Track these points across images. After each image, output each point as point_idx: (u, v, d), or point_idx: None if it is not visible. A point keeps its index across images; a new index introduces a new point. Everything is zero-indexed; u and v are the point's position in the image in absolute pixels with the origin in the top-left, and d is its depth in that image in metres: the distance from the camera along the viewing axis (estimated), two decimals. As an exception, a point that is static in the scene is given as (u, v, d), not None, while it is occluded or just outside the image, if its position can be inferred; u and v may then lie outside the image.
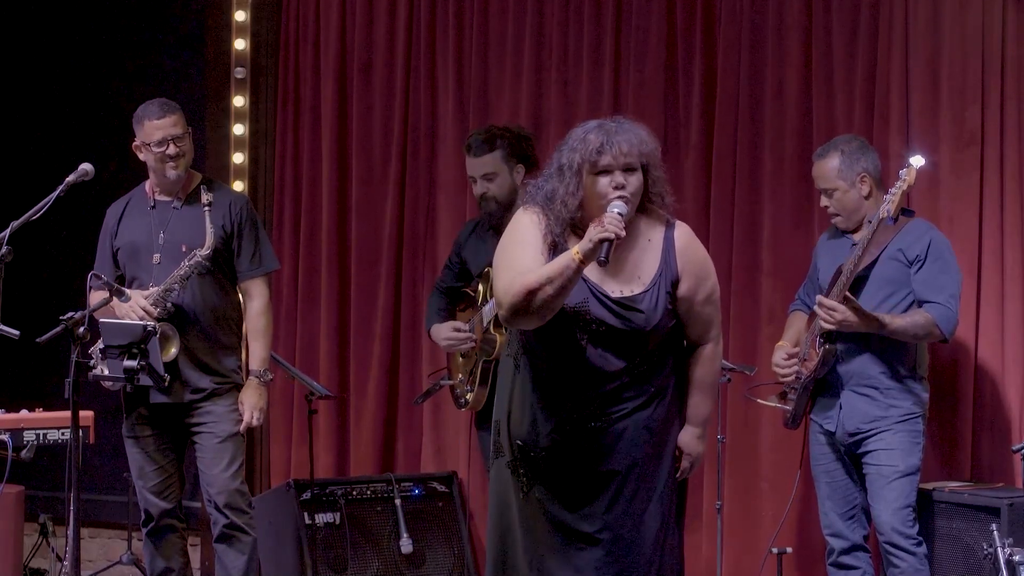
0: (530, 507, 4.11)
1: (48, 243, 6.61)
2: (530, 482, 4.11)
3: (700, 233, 5.95)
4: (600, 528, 4.06)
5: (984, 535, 4.79)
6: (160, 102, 5.21)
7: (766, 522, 5.87)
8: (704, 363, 4.17)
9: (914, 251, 4.99)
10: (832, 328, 4.87)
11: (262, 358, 5.27)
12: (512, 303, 3.95)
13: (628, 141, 3.99)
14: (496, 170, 5.35)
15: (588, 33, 6.26)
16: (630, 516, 4.07)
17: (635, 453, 4.06)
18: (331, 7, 6.73)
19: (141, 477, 5.23)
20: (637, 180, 4.00)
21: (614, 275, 4.04)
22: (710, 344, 4.17)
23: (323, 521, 5.88)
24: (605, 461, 4.06)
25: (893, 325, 4.89)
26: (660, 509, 4.11)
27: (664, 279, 4.06)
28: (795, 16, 5.90)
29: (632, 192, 3.98)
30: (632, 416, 4.06)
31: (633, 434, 4.06)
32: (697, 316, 4.13)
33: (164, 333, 4.97)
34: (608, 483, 4.07)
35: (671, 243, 4.09)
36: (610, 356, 4.03)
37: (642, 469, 4.08)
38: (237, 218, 5.22)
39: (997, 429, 5.51)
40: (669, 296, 4.06)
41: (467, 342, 5.41)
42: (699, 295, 4.11)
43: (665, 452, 4.13)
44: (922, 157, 4.76)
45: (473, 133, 5.61)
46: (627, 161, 3.98)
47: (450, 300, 5.59)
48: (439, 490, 6.08)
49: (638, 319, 4.02)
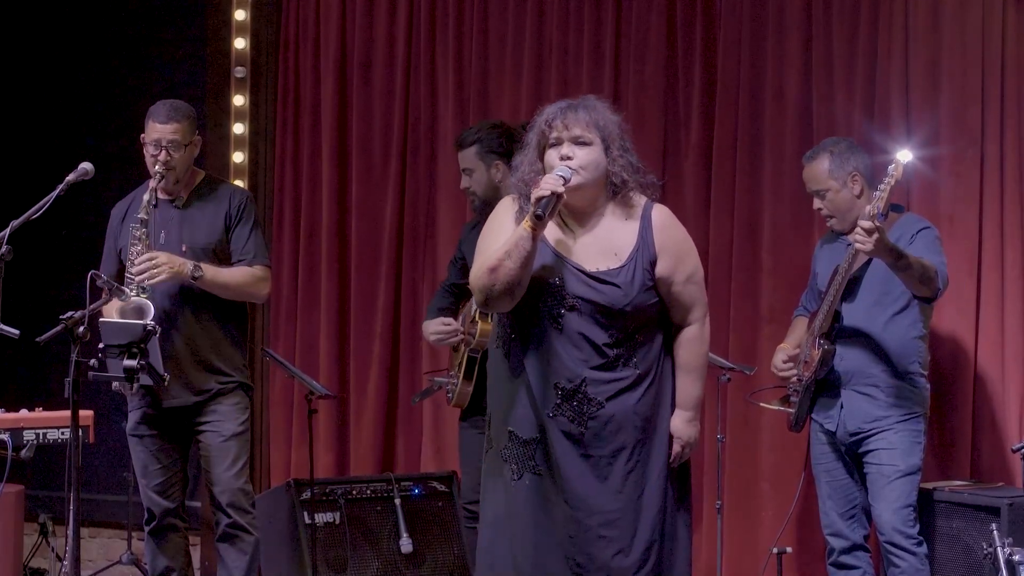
0: (520, 495, 4.11)
1: (48, 243, 6.60)
2: (520, 469, 4.10)
3: (700, 233, 6.01)
4: (589, 514, 4.04)
5: (984, 535, 4.79)
6: (170, 106, 5.14)
7: (766, 522, 5.88)
8: (689, 345, 4.15)
9: (904, 240, 4.96)
10: (867, 251, 4.76)
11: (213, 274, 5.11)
12: (479, 285, 4.04)
13: (580, 115, 4.06)
14: (472, 166, 5.36)
15: (588, 33, 6.26)
16: (620, 502, 4.05)
17: (624, 438, 4.06)
18: (331, 7, 6.73)
19: (144, 476, 5.22)
20: (588, 154, 4.05)
21: (590, 252, 4.08)
22: (694, 325, 4.15)
23: (323, 521, 5.88)
24: (593, 446, 4.05)
25: (909, 258, 4.80)
26: (656, 495, 4.09)
27: (641, 256, 4.08)
28: (795, 16, 5.90)
29: (581, 164, 4.03)
30: (619, 399, 4.05)
31: (621, 419, 4.05)
32: (678, 296, 4.12)
33: (140, 306, 4.91)
34: (597, 468, 4.05)
35: (648, 222, 4.11)
36: (590, 335, 4.04)
37: (632, 454, 4.07)
38: (235, 210, 5.21)
39: (997, 429, 5.51)
40: (647, 274, 4.07)
41: (455, 335, 5.40)
42: (679, 274, 4.11)
43: (656, 437, 4.11)
44: (909, 152, 4.74)
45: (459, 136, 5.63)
46: (575, 134, 4.05)
47: (455, 298, 5.58)
48: (439, 490, 6.07)
49: (614, 293, 4.04)
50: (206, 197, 5.22)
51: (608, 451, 4.06)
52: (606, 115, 4.10)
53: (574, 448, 4.06)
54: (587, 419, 4.05)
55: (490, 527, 4.18)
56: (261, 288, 5.26)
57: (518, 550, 4.09)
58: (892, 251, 4.72)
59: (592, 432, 4.06)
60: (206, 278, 5.06)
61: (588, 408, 4.05)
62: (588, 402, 4.05)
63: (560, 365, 4.05)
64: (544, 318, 4.06)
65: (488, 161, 5.34)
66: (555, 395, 4.06)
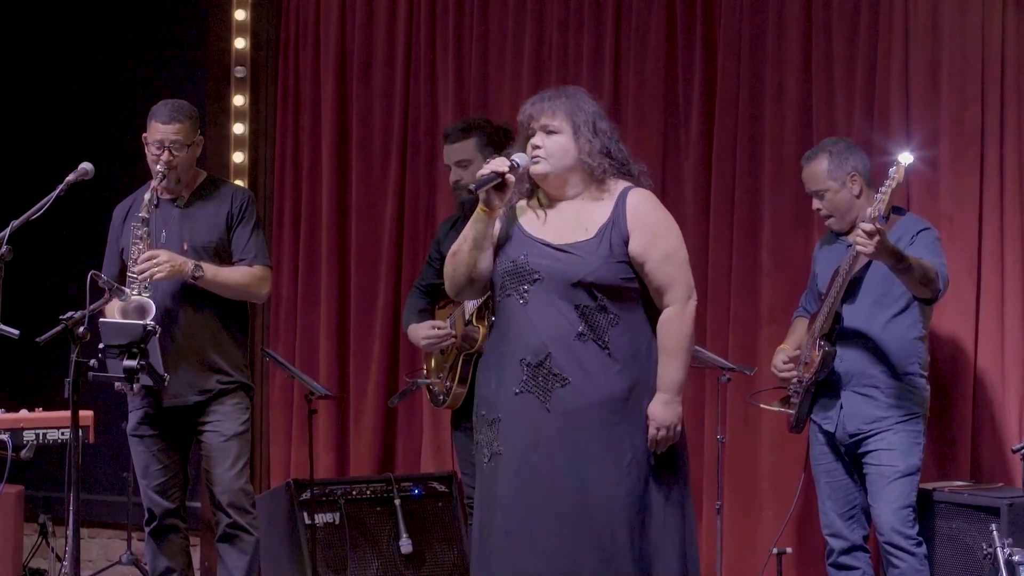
0: (487, 479, 4.12)
1: (48, 243, 6.60)
2: (489, 451, 4.11)
3: (700, 233, 6.02)
4: (549, 503, 3.99)
5: (984, 535, 4.79)
6: (173, 106, 5.14)
7: (766, 522, 5.88)
8: (666, 326, 4.10)
9: (904, 242, 4.96)
10: (868, 253, 4.76)
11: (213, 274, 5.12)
12: (445, 273, 4.23)
13: (546, 105, 4.15)
14: (470, 157, 5.31)
15: (588, 33, 6.26)
16: (583, 492, 3.99)
17: (590, 418, 4.02)
18: (331, 7, 6.73)
19: (145, 476, 5.22)
20: (554, 142, 4.13)
21: (561, 229, 4.13)
22: (673, 307, 4.10)
23: (323, 521, 5.88)
24: (557, 428, 4.01)
25: (910, 260, 4.79)
26: (629, 485, 4.02)
27: (612, 232, 4.08)
28: (795, 16, 5.90)
29: (548, 153, 4.11)
30: (587, 378, 4.02)
31: (587, 398, 4.01)
32: (654, 275, 4.10)
33: (141, 305, 4.91)
34: (560, 453, 4.01)
35: (623, 201, 4.13)
36: (553, 306, 4.04)
37: (601, 438, 4.01)
38: (236, 209, 5.21)
39: (997, 429, 5.51)
40: (617, 249, 4.06)
41: (447, 339, 5.37)
42: (654, 251, 4.09)
43: (630, 422, 4.04)
44: (911, 155, 4.73)
45: (452, 123, 5.61)
46: (543, 123, 4.14)
47: (431, 299, 5.54)
48: (439, 490, 6.08)
49: (574, 262, 4.05)
50: (207, 197, 5.23)
51: (571, 430, 4.01)
52: (578, 103, 4.16)
53: (538, 426, 4.03)
54: (550, 395, 4.03)
55: (475, 513, 4.20)
56: (262, 288, 5.26)
57: (483, 539, 4.10)
58: (893, 253, 4.72)
59: (557, 410, 4.02)
60: (207, 277, 5.06)
61: (552, 383, 4.03)
62: (553, 377, 4.03)
63: (526, 339, 4.06)
64: (512, 295, 4.10)
65: (486, 154, 5.29)
66: (522, 371, 4.05)
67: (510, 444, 4.07)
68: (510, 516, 4.04)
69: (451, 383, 5.32)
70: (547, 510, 4.00)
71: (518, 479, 4.03)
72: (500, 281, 4.14)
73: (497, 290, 4.16)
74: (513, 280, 4.10)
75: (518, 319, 4.08)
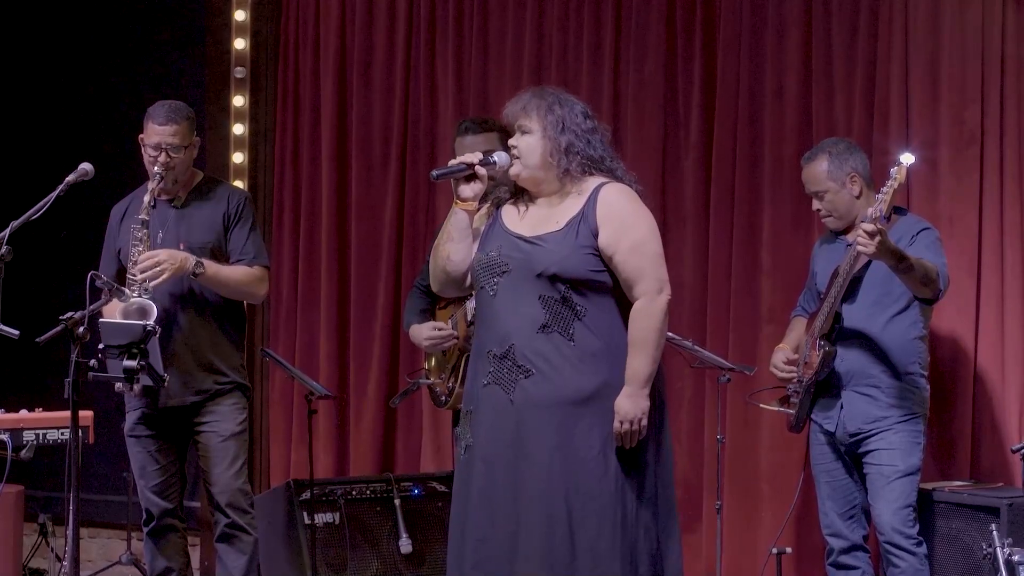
0: (463, 471, 4.15)
1: (48, 243, 6.60)
2: (463, 444, 4.14)
3: (700, 233, 6.02)
4: (516, 493, 4.01)
5: (984, 535, 4.79)
6: (170, 108, 5.13)
7: (766, 522, 5.88)
8: (636, 319, 4.09)
9: (904, 242, 4.96)
10: (869, 253, 4.75)
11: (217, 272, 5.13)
12: (430, 268, 4.35)
13: (517, 107, 4.22)
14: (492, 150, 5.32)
15: (588, 33, 6.26)
16: (548, 483, 3.99)
17: (555, 407, 4.01)
18: (331, 7, 6.73)
19: (143, 476, 5.22)
20: (525, 142, 4.18)
21: (534, 223, 4.18)
22: (642, 299, 4.08)
23: (323, 521, 5.87)
24: (518, 420, 4.02)
25: (911, 260, 4.77)
26: (595, 477, 4.01)
27: (581, 224, 4.10)
28: (795, 16, 5.90)
29: (520, 153, 4.18)
30: (552, 370, 4.02)
31: (551, 389, 4.02)
32: (622, 267, 4.09)
33: (142, 307, 4.91)
34: (524, 444, 4.01)
35: (595, 195, 4.15)
36: (519, 297, 4.07)
37: (566, 430, 4.01)
38: (233, 210, 5.21)
39: (997, 429, 5.51)
40: (586, 241, 4.07)
41: (449, 340, 5.37)
42: (623, 242, 4.09)
43: (598, 415, 4.02)
44: (912, 155, 4.73)
45: (467, 119, 5.59)
46: (520, 123, 4.21)
47: (431, 299, 5.53)
48: (439, 490, 6.07)
49: (539, 252, 4.08)
50: (204, 197, 5.23)
51: (534, 421, 4.01)
52: (550, 102, 4.18)
53: (503, 417, 4.04)
54: (515, 387, 4.03)
55: (452, 505, 4.22)
56: (259, 288, 5.26)
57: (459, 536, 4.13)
58: (894, 254, 4.72)
59: (520, 401, 4.02)
60: (207, 274, 5.06)
61: (516, 375, 4.03)
62: (517, 369, 4.04)
63: (493, 331, 4.10)
64: (484, 287, 4.15)
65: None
66: (488, 363, 4.08)
67: (478, 435, 4.10)
68: (483, 514, 4.05)
69: (454, 384, 5.32)
70: (514, 501, 4.01)
71: (488, 472, 4.06)
72: (476, 275, 4.20)
73: (475, 284, 4.23)
74: (486, 273, 4.16)
75: (487, 311, 4.14)
